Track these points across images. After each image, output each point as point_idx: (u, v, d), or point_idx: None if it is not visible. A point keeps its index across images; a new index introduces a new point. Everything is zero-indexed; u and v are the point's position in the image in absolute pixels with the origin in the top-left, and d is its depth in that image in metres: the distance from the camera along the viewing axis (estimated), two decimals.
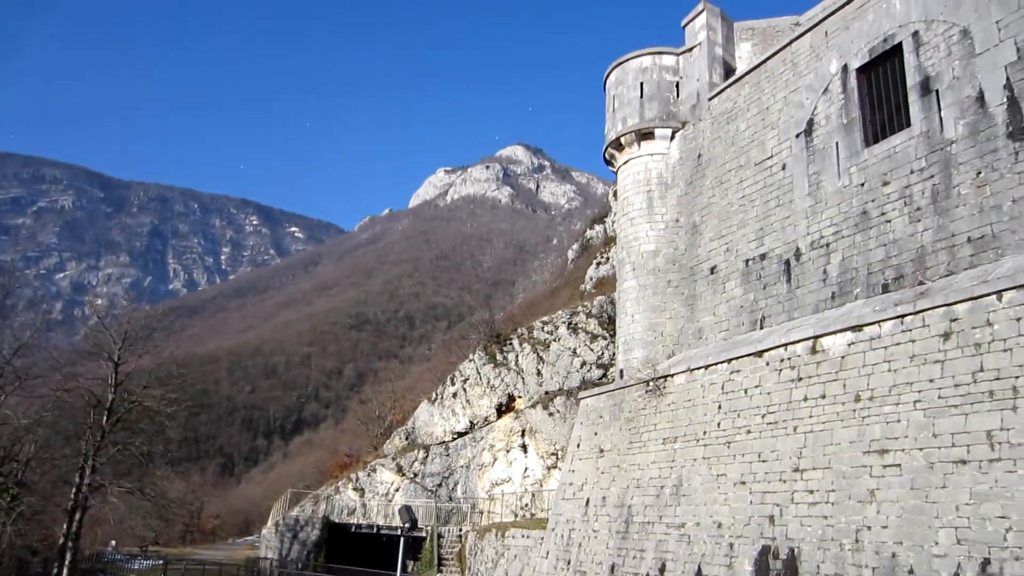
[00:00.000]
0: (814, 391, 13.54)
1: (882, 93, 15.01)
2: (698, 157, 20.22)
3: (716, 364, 16.50)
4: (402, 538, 21.00)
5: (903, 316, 12.34)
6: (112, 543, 57.06)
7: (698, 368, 17.04)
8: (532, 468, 35.33)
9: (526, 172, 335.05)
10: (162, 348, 32.96)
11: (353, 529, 36.70)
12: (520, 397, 38.41)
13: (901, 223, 13.72)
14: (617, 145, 22.29)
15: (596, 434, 20.29)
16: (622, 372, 20.60)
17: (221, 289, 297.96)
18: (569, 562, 18.57)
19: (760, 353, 15.31)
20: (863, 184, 14.76)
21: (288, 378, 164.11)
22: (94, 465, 27.76)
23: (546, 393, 37.07)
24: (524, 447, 36.18)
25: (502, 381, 38.99)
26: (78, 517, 28.11)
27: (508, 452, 36.51)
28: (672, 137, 21.39)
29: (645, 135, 21.61)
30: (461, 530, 33.04)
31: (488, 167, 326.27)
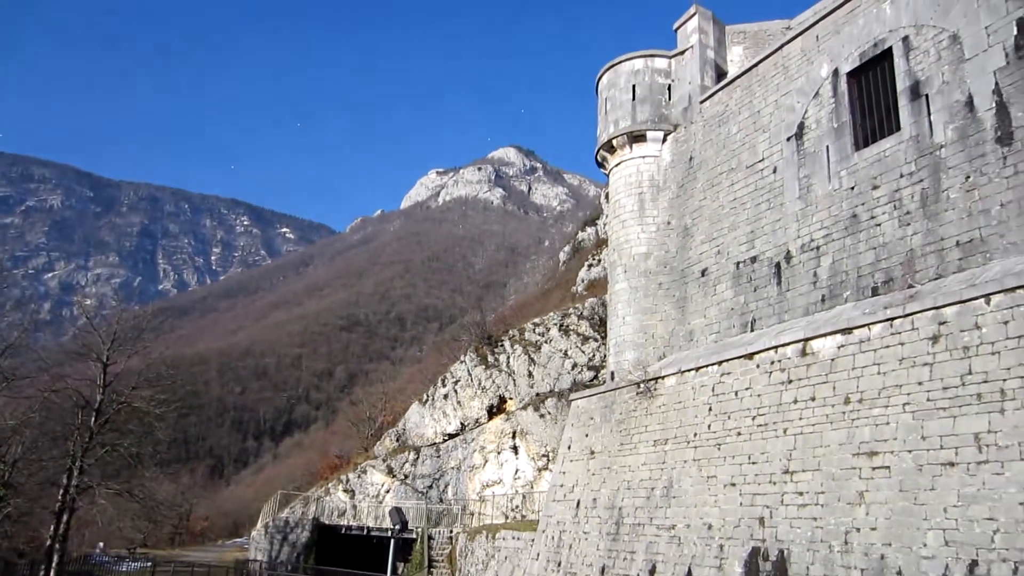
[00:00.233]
0: (804, 393, 13.59)
1: (872, 97, 15.10)
2: (690, 160, 20.28)
3: (707, 366, 16.55)
4: (392, 540, 21.02)
5: (892, 319, 12.40)
6: (100, 545, 56.66)
7: (689, 370, 17.08)
8: (523, 470, 35.33)
9: (518, 174, 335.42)
10: (151, 349, 32.64)
11: (343, 531, 36.57)
12: (511, 399, 38.41)
13: (890, 226, 13.81)
14: (609, 147, 22.34)
15: (587, 436, 20.30)
16: (613, 374, 20.63)
17: (211, 290, 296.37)
18: (560, 564, 18.56)
19: (751, 355, 15.36)
20: (853, 188, 14.85)
21: (278, 379, 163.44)
22: (82, 466, 27.52)
23: (537, 395, 37.08)
24: (515, 449, 36.18)
25: (493, 383, 38.97)
26: (66, 519, 27.84)
27: (499, 454, 36.50)
28: (664, 140, 21.45)
29: (637, 137, 21.67)
30: (452, 532, 33.02)
31: (480, 169, 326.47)
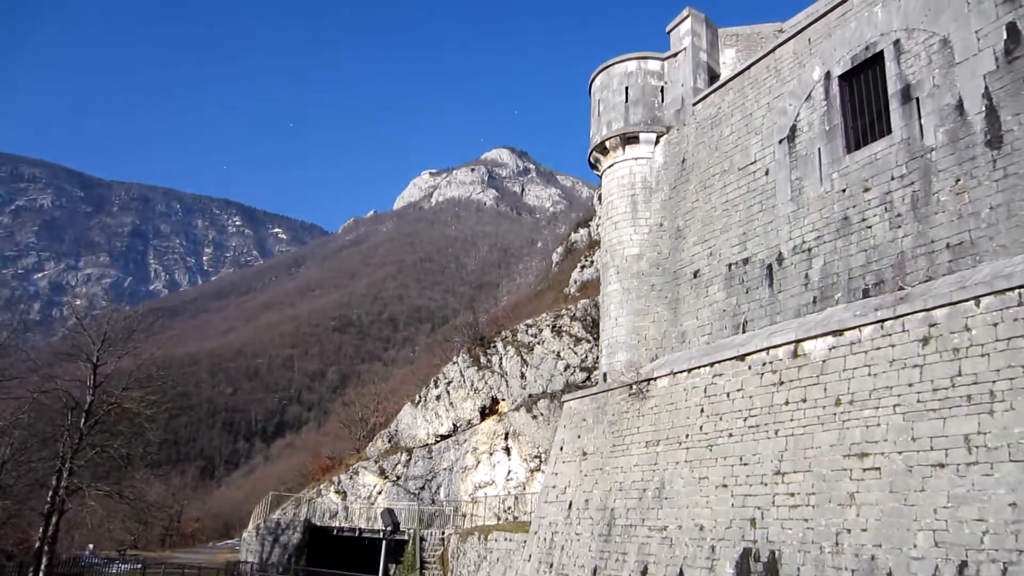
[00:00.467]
0: (795, 395, 13.64)
1: (864, 100, 15.17)
2: (682, 162, 20.33)
3: (699, 368, 16.59)
4: (384, 541, 20.94)
5: (883, 321, 12.46)
6: (90, 547, 56.34)
7: (681, 371, 17.11)
8: (515, 471, 35.32)
9: (511, 175, 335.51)
10: (142, 349, 32.49)
11: (335, 532, 36.49)
12: (504, 400, 38.38)
13: (881, 229, 13.87)
14: (602, 149, 22.36)
15: (579, 437, 20.31)
16: (605, 375, 20.65)
17: (203, 290, 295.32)
18: (552, 565, 18.56)
19: (742, 357, 15.40)
20: (844, 190, 14.91)
21: (270, 380, 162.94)
22: (72, 468, 27.38)
23: (530, 396, 37.07)
24: (507, 450, 36.17)
25: (486, 384, 38.94)
26: (55, 520, 27.69)
27: (491, 455, 36.48)
28: (657, 141, 21.49)
29: (630, 139, 21.69)
30: (444, 533, 32.98)
31: (473, 170, 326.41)
